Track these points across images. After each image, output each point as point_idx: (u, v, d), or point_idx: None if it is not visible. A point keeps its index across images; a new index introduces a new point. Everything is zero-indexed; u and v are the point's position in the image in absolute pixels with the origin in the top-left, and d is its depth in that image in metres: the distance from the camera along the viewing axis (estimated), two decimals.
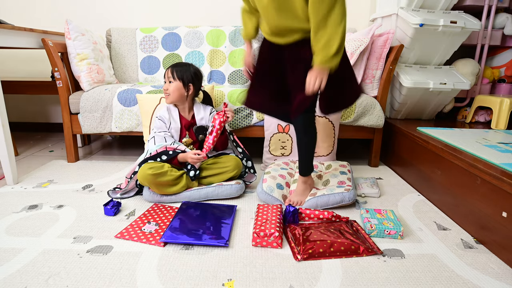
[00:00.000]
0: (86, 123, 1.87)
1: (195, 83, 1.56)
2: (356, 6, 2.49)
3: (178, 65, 1.55)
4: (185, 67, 1.55)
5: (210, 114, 1.61)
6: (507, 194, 1.04)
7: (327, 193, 1.39)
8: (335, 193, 1.38)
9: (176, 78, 1.52)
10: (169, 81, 1.52)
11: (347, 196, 1.37)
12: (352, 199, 1.38)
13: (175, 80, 1.52)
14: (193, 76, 1.55)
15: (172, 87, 1.52)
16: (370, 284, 0.94)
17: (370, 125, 1.86)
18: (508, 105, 1.78)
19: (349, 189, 1.40)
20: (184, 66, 1.55)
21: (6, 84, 2.21)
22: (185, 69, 1.54)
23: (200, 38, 2.32)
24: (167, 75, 1.53)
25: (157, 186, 1.38)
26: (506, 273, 1.00)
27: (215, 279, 0.95)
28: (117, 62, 2.32)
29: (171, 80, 1.52)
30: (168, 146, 1.45)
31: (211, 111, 1.61)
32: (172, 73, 1.52)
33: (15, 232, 1.18)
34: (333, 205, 1.37)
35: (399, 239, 1.16)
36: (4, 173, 1.60)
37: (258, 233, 1.11)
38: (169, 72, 1.53)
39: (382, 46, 1.81)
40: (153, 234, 1.16)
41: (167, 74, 1.54)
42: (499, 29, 2.08)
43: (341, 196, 1.37)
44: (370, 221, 1.20)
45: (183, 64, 1.56)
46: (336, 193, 1.38)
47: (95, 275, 0.95)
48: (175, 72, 1.52)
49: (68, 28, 1.86)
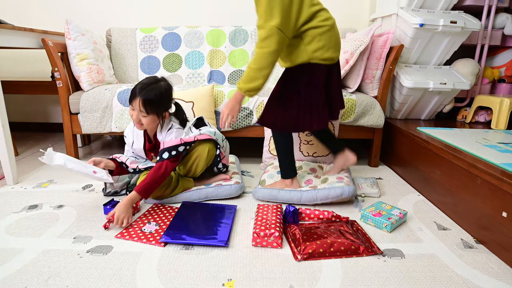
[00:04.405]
0: (86, 123, 1.87)
1: (168, 107, 1.37)
2: (356, 6, 2.49)
3: (149, 94, 1.28)
4: (156, 92, 1.29)
5: (168, 131, 1.39)
6: (507, 194, 1.04)
7: (327, 187, 1.39)
8: (335, 186, 1.38)
9: (149, 113, 1.30)
10: (142, 115, 1.30)
11: (347, 190, 1.37)
12: (352, 193, 1.38)
13: (149, 115, 1.30)
14: (166, 99, 1.34)
15: (146, 120, 1.31)
16: (370, 284, 0.94)
17: (370, 125, 1.86)
18: (508, 105, 1.78)
19: (349, 184, 1.41)
20: (153, 92, 1.28)
21: (6, 84, 2.21)
22: (157, 97, 1.29)
23: (200, 38, 2.32)
24: (138, 107, 1.28)
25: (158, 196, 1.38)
26: (506, 273, 1.00)
27: (215, 279, 0.95)
28: (117, 62, 2.32)
29: (144, 115, 1.29)
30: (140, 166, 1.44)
31: (169, 128, 1.39)
32: (145, 108, 1.27)
33: (15, 232, 1.18)
34: (333, 199, 1.37)
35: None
36: (4, 173, 1.60)
37: (258, 233, 1.11)
38: (141, 105, 1.27)
39: (382, 46, 1.81)
40: (153, 234, 1.16)
41: (137, 105, 1.28)
42: (499, 29, 2.08)
43: (341, 190, 1.37)
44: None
45: (152, 89, 1.29)
46: (336, 186, 1.38)
47: (95, 275, 0.95)
48: (149, 107, 1.28)
49: (68, 28, 1.86)
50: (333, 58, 1.32)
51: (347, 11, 2.51)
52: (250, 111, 1.83)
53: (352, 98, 1.83)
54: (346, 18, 2.51)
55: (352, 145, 2.43)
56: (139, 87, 1.29)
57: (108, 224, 1.21)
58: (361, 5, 2.49)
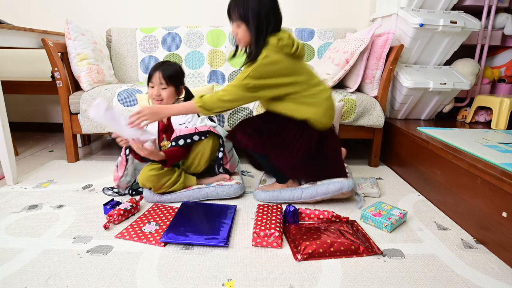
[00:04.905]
0: (86, 123, 1.87)
1: (183, 82, 1.48)
2: (356, 6, 2.50)
3: (167, 68, 1.41)
4: (173, 68, 1.43)
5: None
6: (507, 194, 1.04)
7: (326, 182, 1.39)
8: (334, 181, 1.38)
9: (169, 84, 1.40)
10: (161, 88, 1.40)
11: (346, 184, 1.37)
12: (351, 187, 1.38)
13: (169, 86, 1.40)
14: (181, 75, 1.46)
15: (166, 93, 1.40)
16: (370, 284, 0.94)
17: (370, 125, 1.86)
18: (508, 105, 1.78)
19: (348, 178, 1.41)
20: (171, 67, 1.42)
21: (6, 84, 2.21)
22: (174, 71, 1.42)
23: (200, 38, 2.32)
24: (158, 80, 1.39)
25: (160, 187, 1.39)
26: (506, 273, 1.00)
27: (215, 279, 0.95)
28: (117, 62, 2.32)
29: (165, 87, 1.39)
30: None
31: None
32: (165, 79, 1.38)
33: (15, 232, 1.18)
34: (333, 193, 1.37)
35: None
36: (4, 173, 1.60)
37: (258, 233, 1.11)
38: (161, 77, 1.38)
39: (382, 46, 1.81)
40: (153, 234, 1.16)
41: (156, 79, 1.39)
42: (499, 29, 2.08)
43: (340, 184, 1.37)
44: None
45: (169, 65, 1.43)
46: (335, 181, 1.38)
47: (95, 275, 0.95)
48: (168, 79, 1.39)
49: (68, 28, 1.86)
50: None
51: (347, 11, 2.51)
52: (250, 111, 1.83)
53: (352, 98, 1.83)
54: (346, 18, 2.51)
55: (352, 145, 2.43)
56: (156, 65, 1.42)
57: (108, 224, 1.21)
58: (361, 5, 2.49)
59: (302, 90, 1.27)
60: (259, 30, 1.20)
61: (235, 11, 1.21)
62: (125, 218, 1.27)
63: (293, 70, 1.25)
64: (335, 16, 2.52)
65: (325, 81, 1.86)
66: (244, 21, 1.21)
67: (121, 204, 1.29)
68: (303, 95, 1.28)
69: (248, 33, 1.22)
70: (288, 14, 2.51)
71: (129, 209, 1.28)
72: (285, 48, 1.22)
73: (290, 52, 1.23)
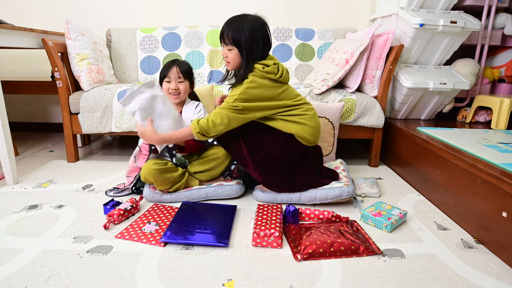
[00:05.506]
0: (86, 123, 1.87)
1: (194, 78, 1.58)
2: (356, 6, 2.50)
3: (182, 64, 1.52)
4: (186, 64, 1.54)
5: (196, 108, 1.58)
6: (507, 194, 1.04)
7: (326, 187, 1.39)
8: (334, 187, 1.39)
9: (186, 78, 1.51)
10: (179, 81, 1.50)
11: (346, 191, 1.37)
12: (351, 194, 1.38)
13: (185, 80, 1.51)
14: (193, 72, 1.57)
15: (183, 86, 1.50)
16: (370, 284, 0.94)
17: (370, 125, 1.86)
18: (508, 105, 1.78)
19: (348, 184, 1.41)
20: (185, 63, 1.54)
21: (6, 84, 2.21)
22: (188, 67, 1.54)
23: (200, 38, 2.32)
24: (175, 75, 1.49)
25: (161, 182, 1.39)
26: (506, 273, 1.00)
27: (215, 279, 0.95)
28: (117, 62, 2.32)
29: (182, 80, 1.50)
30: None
31: (196, 106, 1.59)
32: (182, 73, 1.50)
33: (15, 232, 1.18)
34: (332, 199, 1.37)
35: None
36: (4, 173, 1.60)
37: (258, 233, 1.11)
38: (178, 71, 1.49)
39: (382, 46, 1.81)
40: (153, 234, 1.16)
41: (174, 73, 1.49)
42: (499, 29, 2.08)
43: (340, 190, 1.37)
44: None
45: (183, 61, 1.55)
46: (336, 187, 1.38)
47: (95, 275, 0.95)
48: (184, 73, 1.50)
49: (68, 28, 1.86)
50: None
51: (347, 11, 2.51)
52: None
53: (352, 98, 1.83)
54: (346, 18, 2.51)
55: (352, 145, 2.44)
56: (170, 62, 1.52)
57: (108, 224, 1.21)
58: (361, 5, 2.49)
59: (289, 110, 1.35)
60: (250, 56, 1.28)
61: (229, 36, 1.28)
62: (125, 218, 1.27)
63: (278, 94, 1.32)
64: (335, 16, 2.52)
65: (325, 81, 1.86)
66: (237, 46, 1.28)
67: (121, 204, 1.29)
68: (290, 113, 1.35)
69: (238, 57, 1.30)
70: (288, 14, 2.51)
71: (129, 209, 1.29)
72: (269, 74, 1.29)
73: (274, 78, 1.30)
